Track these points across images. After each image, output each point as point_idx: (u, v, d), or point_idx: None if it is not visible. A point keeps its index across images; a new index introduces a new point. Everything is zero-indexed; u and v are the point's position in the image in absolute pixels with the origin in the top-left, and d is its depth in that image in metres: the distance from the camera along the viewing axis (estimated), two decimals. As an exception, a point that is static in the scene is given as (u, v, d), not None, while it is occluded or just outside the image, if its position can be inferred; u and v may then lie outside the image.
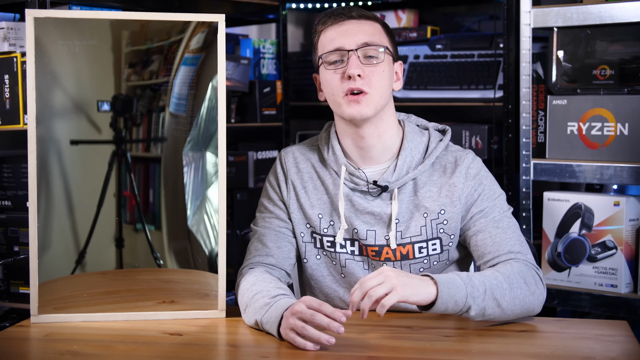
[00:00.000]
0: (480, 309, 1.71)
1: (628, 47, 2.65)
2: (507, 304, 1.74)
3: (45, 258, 1.89)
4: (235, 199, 3.32)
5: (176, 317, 1.89)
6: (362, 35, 1.86)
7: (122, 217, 2.01)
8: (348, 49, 1.84)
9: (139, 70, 1.98)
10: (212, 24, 1.90)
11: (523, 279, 1.77)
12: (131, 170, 2.00)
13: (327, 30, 1.90)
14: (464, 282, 1.70)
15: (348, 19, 1.88)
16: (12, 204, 2.69)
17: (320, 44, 1.90)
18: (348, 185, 1.91)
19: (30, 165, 1.84)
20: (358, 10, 1.90)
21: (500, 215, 1.87)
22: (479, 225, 1.87)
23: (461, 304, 1.69)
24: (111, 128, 1.98)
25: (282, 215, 1.97)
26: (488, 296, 1.71)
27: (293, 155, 2.00)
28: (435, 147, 1.91)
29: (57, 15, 1.87)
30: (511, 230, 1.86)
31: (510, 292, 1.74)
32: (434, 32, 3.44)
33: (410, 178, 1.89)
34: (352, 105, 1.83)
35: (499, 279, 1.74)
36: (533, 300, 1.78)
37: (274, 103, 3.50)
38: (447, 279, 1.70)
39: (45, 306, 1.87)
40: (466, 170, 1.89)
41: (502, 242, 1.84)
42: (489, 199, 1.88)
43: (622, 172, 2.61)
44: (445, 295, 1.68)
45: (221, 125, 1.89)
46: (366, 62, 1.84)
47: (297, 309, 1.65)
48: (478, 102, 3.07)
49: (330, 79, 1.86)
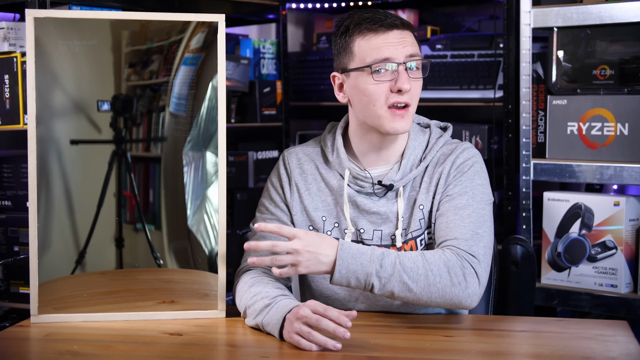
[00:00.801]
0: (384, 290, 1.72)
1: (628, 47, 2.65)
2: (421, 290, 1.72)
3: (45, 258, 1.89)
4: (235, 199, 3.32)
5: (176, 317, 1.89)
6: (409, 47, 1.83)
7: (122, 217, 2.01)
8: (397, 61, 1.82)
9: (139, 70, 1.98)
10: (212, 24, 1.90)
11: (447, 268, 1.74)
12: (131, 170, 2.00)
13: (370, 37, 1.84)
14: (372, 260, 1.72)
15: (393, 27, 1.83)
16: (12, 204, 2.69)
17: (359, 48, 1.85)
18: (353, 187, 1.91)
19: (30, 165, 1.84)
20: (400, 19, 1.86)
21: (465, 203, 1.84)
22: (442, 209, 1.86)
23: (362, 280, 1.72)
24: (111, 128, 1.98)
25: (283, 218, 1.96)
26: (396, 278, 1.72)
27: (297, 156, 1.99)
28: (435, 143, 1.92)
29: (57, 15, 1.87)
30: (470, 219, 1.82)
31: (426, 279, 1.72)
32: (434, 32, 3.44)
33: (413, 176, 1.89)
34: (397, 120, 1.83)
35: (417, 264, 1.74)
36: (456, 292, 1.73)
37: (274, 103, 3.50)
38: (354, 252, 1.73)
39: (45, 306, 1.87)
40: (454, 158, 1.89)
41: (453, 228, 1.81)
42: (462, 185, 1.86)
43: (622, 172, 2.61)
44: (344, 270, 1.72)
45: (221, 125, 1.89)
46: (412, 76, 1.83)
47: (302, 314, 1.65)
48: (478, 102, 3.07)
49: (374, 90, 1.83)
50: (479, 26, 3.51)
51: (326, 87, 3.52)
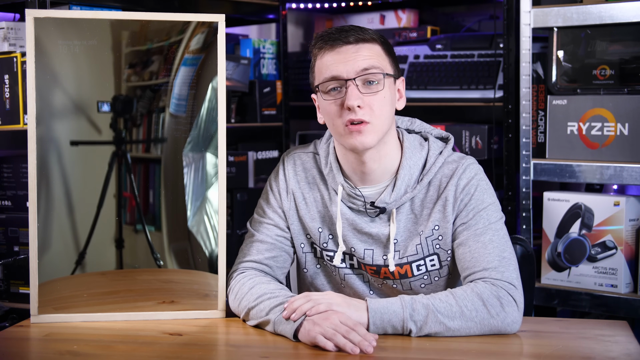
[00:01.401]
0: (423, 332, 1.70)
1: (628, 47, 2.65)
2: (459, 326, 1.70)
3: (45, 258, 1.89)
4: (235, 199, 3.32)
5: (176, 317, 1.89)
6: (361, 62, 1.76)
7: (122, 218, 2.01)
8: (346, 77, 1.76)
9: (139, 70, 1.98)
10: (212, 24, 1.90)
11: (482, 301, 1.71)
12: (131, 170, 2.00)
13: (323, 55, 1.80)
14: (403, 306, 1.69)
15: (344, 44, 1.78)
16: (12, 204, 2.69)
17: (317, 69, 1.82)
18: (346, 203, 1.87)
19: (30, 165, 1.84)
20: (355, 34, 1.79)
21: (483, 227, 1.81)
22: (461, 238, 1.82)
23: (399, 327, 1.70)
24: (111, 129, 1.98)
25: (280, 224, 1.93)
26: (432, 319, 1.69)
27: (294, 163, 1.95)
28: (433, 162, 1.85)
29: (57, 15, 1.87)
30: (492, 244, 1.79)
31: (462, 315, 1.70)
32: (434, 32, 3.44)
33: (408, 198, 1.84)
34: (355, 136, 1.77)
35: (450, 302, 1.71)
36: (495, 323, 1.71)
37: (274, 103, 3.50)
38: (383, 305, 1.70)
39: (45, 306, 1.87)
40: (456, 182, 1.82)
41: (479, 258, 1.78)
42: (474, 209, 1.82)
43: (622, 172, 2.61)
44: (379, 321, 1.69)
45: (221, 126, 1.89)
46: (366, 91, 1.76)
47: (334, 322, 1.65)
48: (478, 102, 3.07)
49: (329, 109, 1.80)
50: (479, 26, 3.51)
51: (326, 87, 3.52)
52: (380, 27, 3.56)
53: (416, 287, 1.88)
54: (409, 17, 3.51)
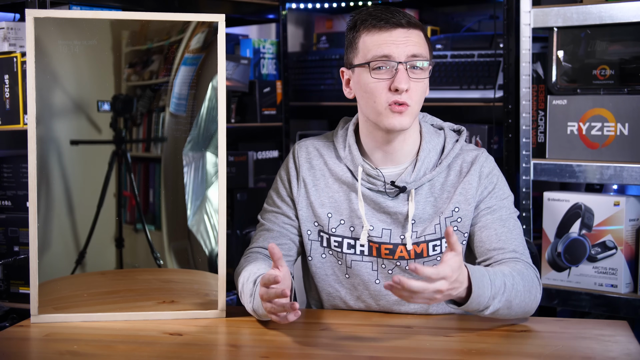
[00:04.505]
0: (495, 310, 1.71)
1: (628, 47, 2.65)
2: (516, 306, 1.74)
3: (45, 258, 1.89)
4: (235, 199, 3.32)
5: (176, 317, 1.89)
6: (412, 47, 1.82)
7: (122, 217, 2.01)
8: (397, 60, 1.81)
9: (139, 70, 1.98)
10: (212, 24, 1.90)
11: (530, 280, 1.78)
12: (131, 170, 2.00)
13: (373, 33, 1.84)
14: (491, 282, 1.68)
15: (398, 26, 1.83)
16: (12, 204, 2.69)
17: (363, 44, 1.86)
18: (364, 184, 1.91)
19: (30, 165, 1.84)
20: (406, 17, 1.85)
21: (507, 215, 1.89)
22: (484, 221, 1.88)
23: (483, 305, 1.69)
24: (111, 128, 1.98)
25: (288, 212, 1.97)
26: (505, 297, 1.71)
27: (307, 150, 1.99)
28: (451, 148, 1.92)
29: (57, 15, 1.87)
30: (516, 231, 1.88)
31: (522, 294, 1.74)
32: (434, 32, 3.43)
33: (427, 179, 1.89)
34: (395, 117, 1.82)
35: (517, 280, 1.74)
36: (532, 303, 1.79)
37: (274, 103, 3.50)
38: (478, 280, 1.66)
39: (45, 306, 1.87)
40: (480, 168, 1.90)
41: (507, 241, 1.85)
42: (498, 197, 1.90)
43: (622, 172, 2.60)
44: (476, 298, 1.67)
45: (221, 125, 1.89)
46: (413, 76, 1.82)
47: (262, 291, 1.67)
48: (478, 102, 3.07)
49: (373, 87, 1.83)
50: (479, 26, 3.51)
51: (326, 87, 3.52)
52: (380, 27, 3.56)
53: None
54: (409, 17, 3.51)
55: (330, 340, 1.70)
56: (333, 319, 1.87)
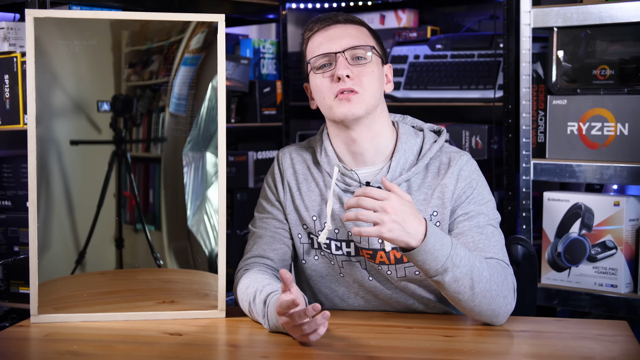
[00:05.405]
0: (455, 278, 1.67)
1: (628, 47, 2.65)
2: (479, 291, 1.70)
3: (45, 258, 1.89)
4: (235, 199, 3.32)
5: (176, 317, 1.89)
6: (349, 39, 1.86)
7: (122, 217, 2.01)
8: (335, 51, 1.84)
9: (139, 70, 1.98)
10: (212, 24, 1.90)
11: (502, 278, 1.74)
12: (131, 170, 2.00)
13: (314, 37, 1.91)
14: (452, 245, 1.67)
15: (334, 23, 1.90)
16: (12, 204, 2.69)
17: (309, 50, 1.91)
18: (340, 186, 1.90)
19: (30, 165, 1.84)
20: (344, 15, 1.91)
21: (485, 221, 1.83)
22: (461, 228, 1.83)
23: (440, 262, 1.66)
24: (111, 128, 1.98)
25: (279, 216, 1.97)
26: (466, 271, 1.68)
27: (290, 155, 2.00)
28: (429, 148, 1.89)
29: (57, 15, 1.87)
30: (495, 238, 1.82)
31: (488, 281, 1.70)
32: (434, 32, 3.44)
33: (403, 180, 1.86)
34: (344, 104, 1.82)
35: (483, 265, 1.72)
36: (501, 304, 1.74)
37: (274, 103, 3.50)
38: (438, 233, 1.67)
39: (45, 306, 1.87)
40: (458, 171, 1.86)
41: (485, 248, 1.80)
42: (476, 203, 1.84)
43: (622, 172, 2.61)
44: (430, 245, 1.64)
45: (221, 125, 1.89)
46: (354, 63, 1.84)
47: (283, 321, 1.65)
48: (478, 102, 3.07)
49: (319, 83, 1.86)
50: (479, 26, 3.51)
51: (326, 87, 3.52)
52: (380, 27, 3.56)
53: (410, 273, 1.87)
54: (409, 17, 3.51)
55: (330, 340, 1.70)
56: (333, 318, 1.87)
